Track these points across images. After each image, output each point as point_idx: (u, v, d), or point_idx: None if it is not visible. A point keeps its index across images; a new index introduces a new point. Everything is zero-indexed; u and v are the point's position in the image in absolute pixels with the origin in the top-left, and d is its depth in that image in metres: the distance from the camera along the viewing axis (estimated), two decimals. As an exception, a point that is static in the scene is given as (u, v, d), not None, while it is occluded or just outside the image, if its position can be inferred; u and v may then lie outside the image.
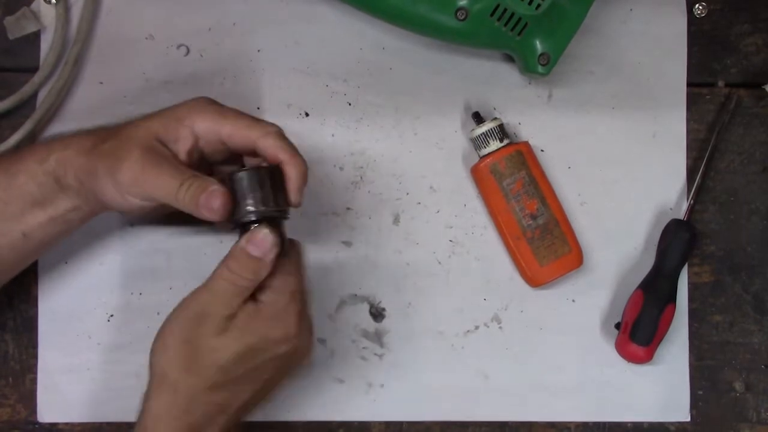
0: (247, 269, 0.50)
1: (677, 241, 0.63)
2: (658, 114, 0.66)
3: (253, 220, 0.52)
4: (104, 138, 0.53)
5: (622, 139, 0.66)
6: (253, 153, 0.54)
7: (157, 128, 0.53)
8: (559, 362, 0.65)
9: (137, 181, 0.51)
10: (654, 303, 0.63)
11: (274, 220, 0.52)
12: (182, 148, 0.53)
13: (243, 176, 0.51)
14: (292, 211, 0.54)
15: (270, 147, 0.52)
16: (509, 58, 0.65)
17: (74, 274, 0.63)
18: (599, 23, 0.65)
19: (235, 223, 0.52)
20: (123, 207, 0.53)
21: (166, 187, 0.51)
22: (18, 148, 0.61)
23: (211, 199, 0.50)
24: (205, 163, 0.56)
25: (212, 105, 0.54)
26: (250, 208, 0.51)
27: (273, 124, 0.54)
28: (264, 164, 0.53)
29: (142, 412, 0.52)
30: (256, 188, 0.51)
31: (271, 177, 0.52)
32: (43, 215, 0.54)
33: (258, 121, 0.54)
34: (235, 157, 0.56)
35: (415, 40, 0.64)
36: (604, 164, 0.66)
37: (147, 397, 0.52)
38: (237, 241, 0.52)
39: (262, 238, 0.51)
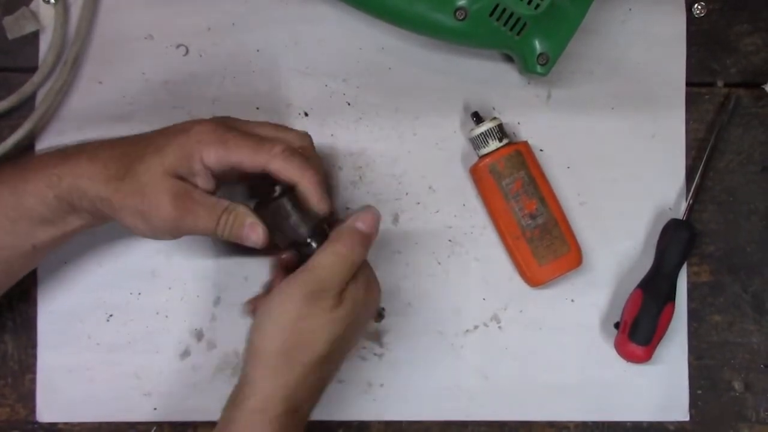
0: (360, 245, 0.54)
1: (676, 241, 0.63)
2: (658, 114, 0.66)
3: (308, 237, 0.55)
4: (116, 173, 0.53)
5: (622, 138, 0.66)
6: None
7: (172, 164, 0.53)
8: (559, 362, 0.65)
9: (174, 227, 0.53)
10: (653, 302, 0.63)
11: (322, 227, 0.56)
12: (200, 182, 0.54)
13: (280, 204, 0.54)
14: None
15: (279, 171, 0.54)
16: (508, 58, 0.65)
17: (74, 275, 0.63)
18: (598, 23, 0.65)
19: (290, 244, 0.56)
20: (147, 237, 0.55)
21: (204, 228, 0.54)
22: (17, 147, 0.61)
23: (252, 233, 0.54)
24: (231, 176, 0.56)
25: (214, 133, 0.53)
26: (303, 231, 0.55)
27: (276, 143, 0.54)
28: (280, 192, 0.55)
29: (252, 392, 0.52)
30: (296, 210, 0.55)
31: (287, 204, 0.55)
32: (54, 230, 0.54)
33: (261, 143, 0.54)
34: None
35: (414, 40, 0.64)
36: (603, 164, 0.66)
37: (252, 379, 0.53)
38: (341, 223, 0.55)
39: (372, 216, 0.55)
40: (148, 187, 0.52)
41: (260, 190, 0.57)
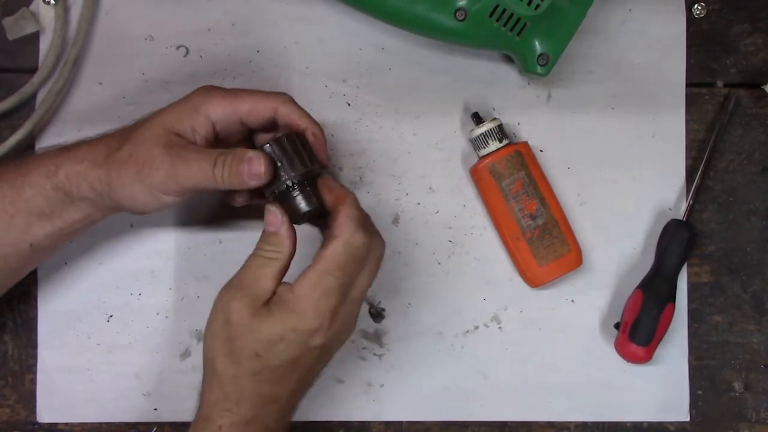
0: (268, 243, 0.52)
1: (676, 241, 0.63)
2: (658, 114, 0.66)
3: (290, 186, 0.53)
4: (116, 146, 0.53)
5: (622, 139, 0.66)
6: (270, 126, 0.55)
7: (170, 122, 0.53)
8: (559, 362, 0.65)
9: (170, 177, 0.52)
10: (653, 303, 0.63)
11: (309, 180, 0.54)
12: (199, 137, 0.54)
13: (270, 148, 0.53)
14: None
15: (291, 113, 0.54)
16: (508, 59, 0.65)
17: (74, 275, 0.63)
18: (598, 23, 0.65)
19: (273, 194, 0.54)
20: (151, 208, 0.54)
21: (201, 171, 0.52)
22: (17, 148, 0.61)
23: (253, 166, 0.52)
24: (233, 136, 0.56)
25: (221, 89, 0.55)
26: (284, 175, 0.53)
27: (283, 93, 0.55)
28: (280, 134, 0.54)
29: (201, 402, 0.53)
30: (284, 156, 0.53)
31: (293, 142, 0.53)
32: (51, 227, 0.54)
33: (270, 92, 0.55)
34: (249, 136, 0.57)
35: (414, 40, 0.64)
36: (603, 164, 0.66)
37: (203, 387, 0.53)
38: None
39: (272, 215, 0.53)
40: (142, 143, 0.52)
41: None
